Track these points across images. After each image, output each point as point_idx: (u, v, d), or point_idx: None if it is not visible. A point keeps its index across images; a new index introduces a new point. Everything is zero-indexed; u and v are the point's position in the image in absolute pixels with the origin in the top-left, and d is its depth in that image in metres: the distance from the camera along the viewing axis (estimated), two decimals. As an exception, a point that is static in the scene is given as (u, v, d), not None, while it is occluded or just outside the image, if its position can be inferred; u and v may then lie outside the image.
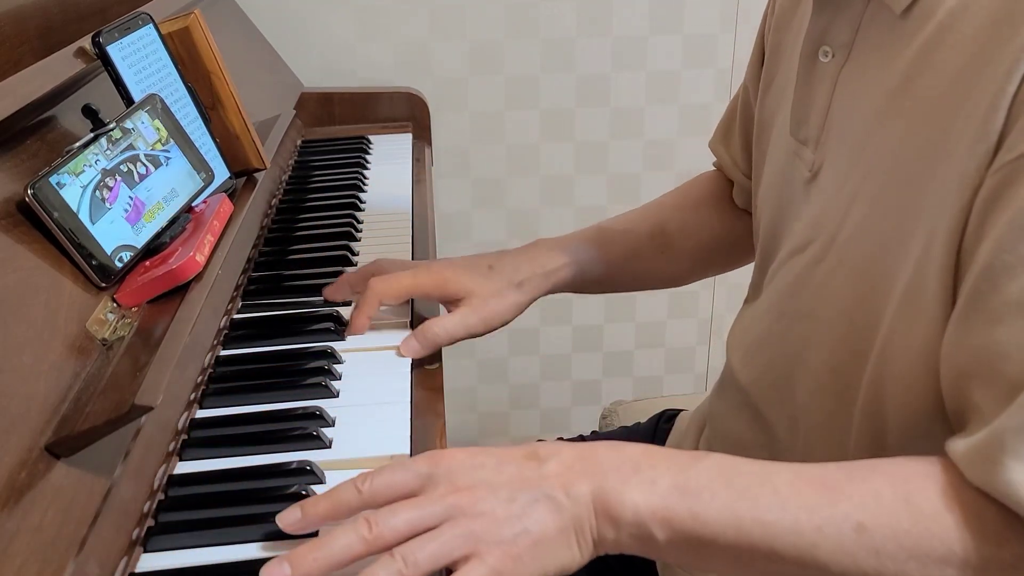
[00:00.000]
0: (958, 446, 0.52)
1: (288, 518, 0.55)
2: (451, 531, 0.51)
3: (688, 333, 1.81)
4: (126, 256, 0.69)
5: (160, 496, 0.62)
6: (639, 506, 0.53)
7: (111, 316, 0.66)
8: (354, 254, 0.97)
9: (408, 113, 1.45)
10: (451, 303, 0.82)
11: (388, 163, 1.28)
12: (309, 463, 0.63)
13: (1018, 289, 0.49)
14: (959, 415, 0.54)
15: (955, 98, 0.53)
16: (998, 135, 0.50)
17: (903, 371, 0.57)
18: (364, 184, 1.19)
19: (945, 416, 0.55)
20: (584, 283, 0.89)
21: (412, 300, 0.86)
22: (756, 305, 0.76)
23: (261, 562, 0.55)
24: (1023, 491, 0.48)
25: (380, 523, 0.52)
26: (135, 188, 0.71)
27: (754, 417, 0.73)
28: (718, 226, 0.92)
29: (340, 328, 0.81)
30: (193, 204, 0.79)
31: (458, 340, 0.81)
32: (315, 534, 0.56)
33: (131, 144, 0.72)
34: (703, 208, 0.92)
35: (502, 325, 0.83)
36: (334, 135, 1.38)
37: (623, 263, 0.90)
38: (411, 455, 0.64)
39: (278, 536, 0.58)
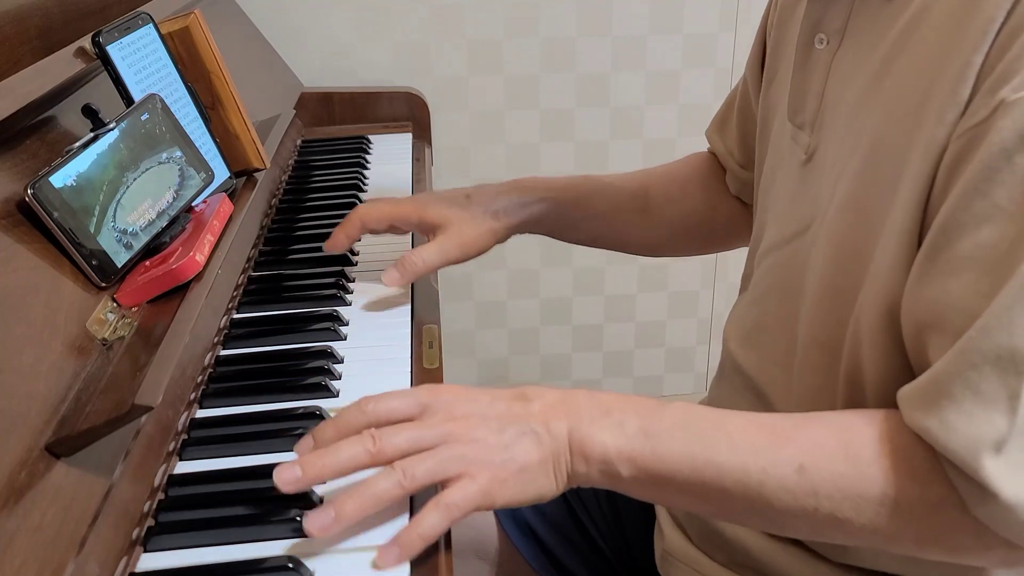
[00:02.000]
0: (904, 390, 0.56)
1: (302, 445, 0.60)
2: (447, 452, 0.57)
3: (688, 333, 1.81)
4: (126, 256, 0.69)
5: (160, 496, 0.62)
6: (607, 446, 0.58)
7: (111, 316, 0.66)
8: (354, 254, 0.97)
9: (408, 113, 1.45)
10: (430, 231, 0.86)
11: (388, 163, 1.28)
12: (309, 463, 0.63)
13: (970, 245, 0.52)
14: (921, 368, 0.57)
15: (930, 74, 0.55)
16: (965, 103, 0.53)
17: (874, 335, 0.60)
18: (364, 184, 1.19)
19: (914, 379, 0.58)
20: (560, 225, 0.91)
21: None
22: (752, 291, 0.77)
23: (261, 562, 0.55)
24: (945, 433, 0.52)
25: (383, 439, 0.57)
26: (135, 187, 0.71)
27: (757, 398, 0.74)
28: (701, 203, 0.94)
29: (340, 328, 0.82)
30: (193, 204, 0.79)
31: (437, 267, 0.85)
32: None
33: (132, 144, 0.72)
34: (690, 182, 0.95)
35: (478, 253, 0.87)
36: (334, 135, 1.38)
37: (602, 215, 0.92)
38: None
39: (277, 535, 0.58)
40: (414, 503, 0.61)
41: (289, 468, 0.56)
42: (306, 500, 0.60)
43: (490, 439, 0.58)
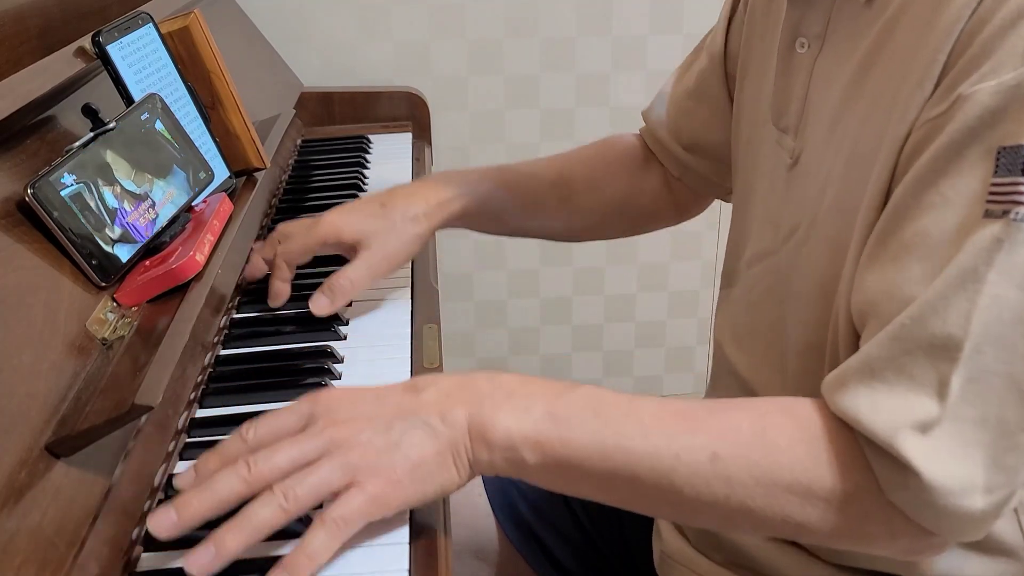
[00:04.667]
0: (829, 376, 0.55)
1: (183, 479, 0.56)
2: (329, 463, 0.53)
3: (688, 333, 1.81)
4: (126, 255, 0.69)
5: (160, 496, 0.62)
6: (511, 430, 0.55)
7: (111, 316, 0.66)
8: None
9: (408, 113, 1.45)
10: (351, 251, 0.83)
11: (388, 163, 1.28)
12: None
13: (913, 231, 0.53)
14: None
15: (902, 75, 0.56)
16: (927, 98, 0.54)
17: (846, 334, 0.60)
18: (364, 184, 1.19)
19: None
20: (480, 219, 0.89)
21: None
22: (746, 296, 0.77)
23: (261, 561, 0.55)
24: (873, 413, 0.51)
25: (260, 462, 0.53)
26: (135, 187, 0.71)
27: None
28: (624, 188, 0.93)
29: (340, 328, 0.81)
30: (193, 204, 0.79)
31: (367, 286, 0.82)
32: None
33: (132, 143, 0.72)
34: (614, 166, 0.93)
35: (407, 261, 0.85)
36: (334, 135, 1.38)
37: (523, 206, 0.90)
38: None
39: (277, 535, 0.58)
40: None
41: (164, 513, 0.52)
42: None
43: (376, 440, 0.54)
